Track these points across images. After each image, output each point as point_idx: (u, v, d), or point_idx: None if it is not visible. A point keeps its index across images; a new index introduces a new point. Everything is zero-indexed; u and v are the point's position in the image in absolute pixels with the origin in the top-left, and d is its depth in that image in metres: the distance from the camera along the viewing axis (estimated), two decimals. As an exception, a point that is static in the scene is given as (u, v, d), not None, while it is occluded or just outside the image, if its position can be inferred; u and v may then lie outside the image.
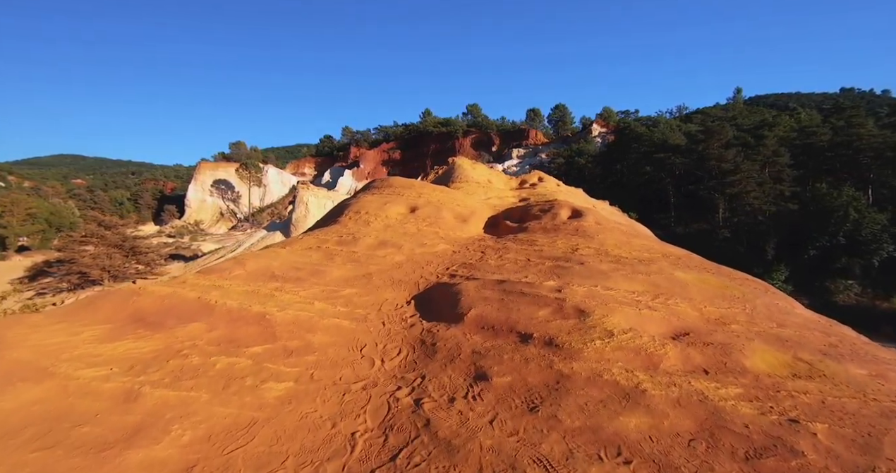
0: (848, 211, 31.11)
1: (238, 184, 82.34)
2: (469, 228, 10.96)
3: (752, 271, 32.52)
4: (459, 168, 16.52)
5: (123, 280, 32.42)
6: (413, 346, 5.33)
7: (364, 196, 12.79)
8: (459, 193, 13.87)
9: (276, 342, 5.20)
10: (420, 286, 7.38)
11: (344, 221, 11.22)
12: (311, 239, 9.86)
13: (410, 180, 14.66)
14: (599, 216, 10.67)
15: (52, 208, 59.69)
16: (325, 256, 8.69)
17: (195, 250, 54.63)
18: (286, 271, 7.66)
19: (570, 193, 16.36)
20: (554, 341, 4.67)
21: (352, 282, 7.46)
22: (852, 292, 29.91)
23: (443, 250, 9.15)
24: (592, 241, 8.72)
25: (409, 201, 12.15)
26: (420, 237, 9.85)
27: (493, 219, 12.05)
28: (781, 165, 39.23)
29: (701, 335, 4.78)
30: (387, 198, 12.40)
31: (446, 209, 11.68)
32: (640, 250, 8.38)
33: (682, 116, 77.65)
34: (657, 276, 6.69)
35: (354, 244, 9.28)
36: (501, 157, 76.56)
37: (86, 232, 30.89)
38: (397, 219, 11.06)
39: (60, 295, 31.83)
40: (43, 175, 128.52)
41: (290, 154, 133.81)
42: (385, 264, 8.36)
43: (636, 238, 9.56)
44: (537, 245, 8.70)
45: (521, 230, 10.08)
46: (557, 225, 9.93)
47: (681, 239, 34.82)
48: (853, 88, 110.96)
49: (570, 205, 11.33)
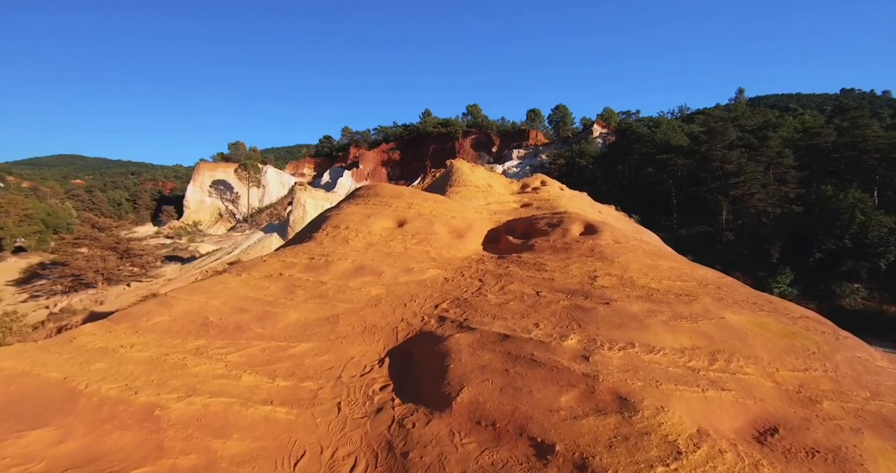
0: (854, 213, 30.65)
1: (237, 185, 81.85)
2: (466, 244, 9.66)
3: (757, 274, 32.22)
4: (458, 171, 15.66)
5: (118, 283, 31.98)
6: (376, 454, 3.69)
7: (346, 207, 11.40)
8: (455, 202, 12.55)
9: (160, 462, 3.44)
10: (399, 335, 5.86)
11: (319, 237, 9.77)
12: (275, 263, 8.37)
13: (400, 187, 13.28)
14: (617, 232, 9.11)
15: (49, 209, 59.24)
16: (285, 288, 7.21)
17: (193, 251, 54.14)
18: (226, 314, 6.16)
19: (575, 197, 15.62)
20: (588, 464, 3.09)
21: (310, 330, 5.98)
22: (859, 297, 29.38)
23: (433, 277, 7.74)
24: (613, 265, 7.31)
25: (398, 213, 10.80)
26: (407, 260, 8.48)
27: (494, 233, 10.83)
28: (786, 167, 38.69)
29: (794, 429, 3.56)
30: (372, 209, 11.01)
31: (440, 223, 10.35)
32: (672, 276, 6.99)
33: (683, 117, 77.08)
34: (706, 322, 5.29)
35: (326, 271, 7.84)
36: (502, 158, 76.07)
37: (79, 234, 30.42)
38: (382, 235, 9.71)
39: (54, 298, 31.41)
40: (42, 175, 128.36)
41: (289, 155, 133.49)
42: (359, 300, 6.85)
43: (662, 259, 8.05)
44: (547, 271, 7.31)
45: (527, 249, 8.82)
46: (569, 243, 8.51)
47: (684, 241, 34.31)
48: (853, 89, 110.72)
49: (583, 218, 9.90)
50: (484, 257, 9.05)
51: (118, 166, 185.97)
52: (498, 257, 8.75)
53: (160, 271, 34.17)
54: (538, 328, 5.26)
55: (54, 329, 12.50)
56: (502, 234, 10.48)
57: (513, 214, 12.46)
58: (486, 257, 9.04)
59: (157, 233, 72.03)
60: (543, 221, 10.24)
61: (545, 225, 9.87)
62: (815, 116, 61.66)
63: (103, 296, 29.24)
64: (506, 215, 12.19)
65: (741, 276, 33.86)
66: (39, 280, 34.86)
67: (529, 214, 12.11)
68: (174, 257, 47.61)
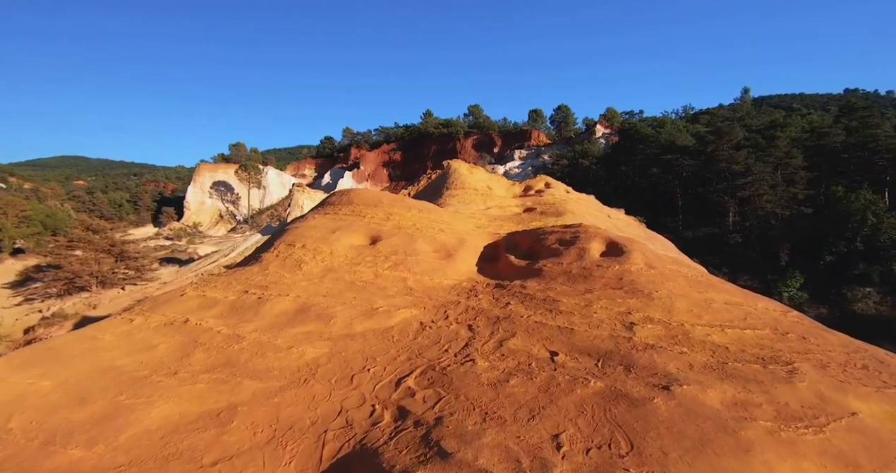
0: (866, 215, 29.89)
1: (237, 186, 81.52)
2: (455, 266, 7.80)
3: (766, 277, 31.39)
4: (455, 173, 14.42)
5: (112, 286, 31.48)
6: None
7: (311, 218, 9.61)
8: (445, 211, 10.69)
9: None
10: (326, 452, 3.54)
11: (267, 259, 7.83)
12: (189, 301, 6.39)
13: (379, 194, 11.09)
14: (648, 253, 7.22)
15: (48, 210, 59.02)
16: (179, 348, 5.14)
17: (191, 253, 53.70)
18: (43, 417, 3.90)
19: (582, 200, 14.53)
20: None
21: (175, 443, 3.68)
22: (871, 301, 28.53)
23: (404, 322, 5.73)
24: (653, 304, 5.43)
25: (372, 225, 8.95)
26: (374, 293, 6.48)
27: (492, 249, 9.09)
28: (794, 167, 37.84)
29: None
30: (340, 221, 9.15)
31: (424, 238, 8.56)
32: (735, 319, 5.11)
33: (688, 117, 76.19)
34: (836, 429, 3.29)
35: (254, 314, 5.82)
36: (503, 158, 75.42)
37: (73, 236, 29.93)
38: (347, 257, 7.78)
39: (49, 301, 30.95)
40: (44, 177, 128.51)
41: (291, 155, 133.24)
42: (281, 372, 4.73)
43: (711, 290, 6.15)
44: (562, 312, 5.46)
45: (533, 274, 7.00)
46: (588, 269, 6.61)
47: (689, 243, 33.55)
48: (857, 89, 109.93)
49: (603, 234, 7.99)
50: (478, 285, 7.15)
51: (121, 167, 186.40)
52: (496, 286, 6.99)
53: (156, 274, 33.65)
54: (559, 454, 3.04)
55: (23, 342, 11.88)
56: (502, 251, 8.85)
57: (514, 219, 11.38)
58: (480, 285, 7.15)
59: (157, 234, 71.76)
60: (553, 236, 8.36)
61: (555, 242, 8.04)
62: (822, 115, 60.73)
63: (97, 300, 28.74)
64: (507, 221, 11.06)
65: (749, 279, 33.13)
66: (35, 283, 34.46)
67: (532, 218, 11.04)
68: (172, 259, 47.14)
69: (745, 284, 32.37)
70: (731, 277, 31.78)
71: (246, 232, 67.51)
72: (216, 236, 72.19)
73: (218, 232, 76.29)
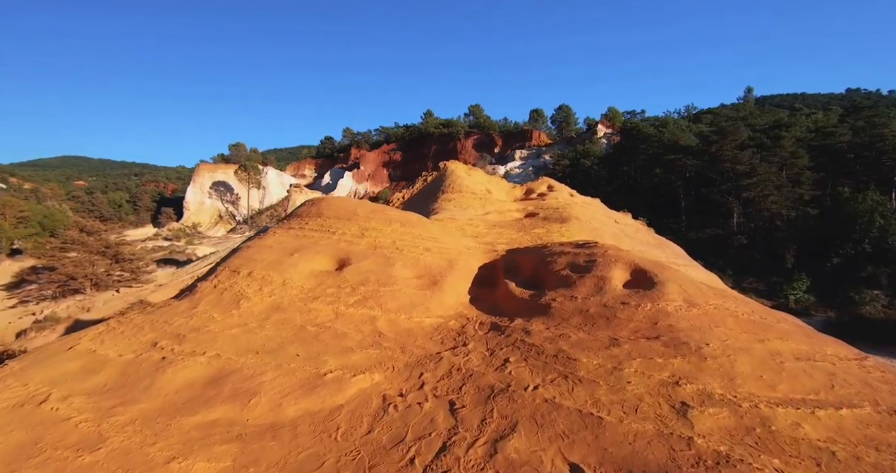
0: (873, 217, 29.36)
1: (237, 186, 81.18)
2: (441, 298, 6.35)
3: (772, 279, 30.77)
4: (452, 175, 13.57)
5: (107, 289, 31.06)
6: None
7: (270, 234, 8.08)
8: (434, 224, 9.16)
9: None
10: None
11: (201, 292, 6.25)
12: (72, 360, 4.72)
13: (355, 204, 9.32)
14: (686, 284, 5.62)
15: (46, 211, 58.72)
16: (10, 456, 3.34)
17: (190, 254, 53.33)
18: None
19: (587, 205, 13.74)
20: None
21: None
22: (879, 304, 27.93)
23: (359, 397, 4.08)
24: (706, 368, 3.85)
25: (342, 244, 7.38)
26: (325, 346, 4.97)
27: (489, 270, 7.60)
28: (800, 168, 37.25)
29: None
30: (304, 239, 7.58)
31: (403, 260, 7.05)
32: (826, 393, 3.57)
33: (690, 117, 75.52)
34: None
35: (146, 388, 4.15)
36: (504, 158, 74.88)
37: (66, 238, 29.50)
38: (304, 289, 6.21)
39: (43, 303, 30.55)
40: (45, 177, 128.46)
41: (291, 156, 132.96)
42: None
43: (772, 335, 4.57)
44: (582, 382, 3.88)
45: (539, 311, 5.61)
46: (611, 308, 5.12)
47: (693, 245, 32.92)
48: (859, 89, 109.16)
49: (625, 258, 6.36)
50: (469, 324, 5.71)
51: (122, 168, 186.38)
52: (491, 327, 5.54)
53: (151, 276, 33.22)
54: None
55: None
56: (500, 274, 7.33)
57: (515, 225, 10.61)
58: (471, 324, 5.71)
59: (156, 235, 71.46)
60: (562, 259, 6.79)
61: (566, 266, 6.50)
62: (827, 115, 60.05)
63: (91, 303, 28.33)
64: (507, 228, 10.25)
65: (754, 282, 32.54)
66: (30, 285, 34.08)
67: (534, 224, 10.20)
68: (170, 260, 46.76)
69: (751, 286, 31.81)
70: (736, 279, 31.21)
71: (245, 233, 67.12)
72: (215, 236, 71.85)
73: (217, 233, 75.94)
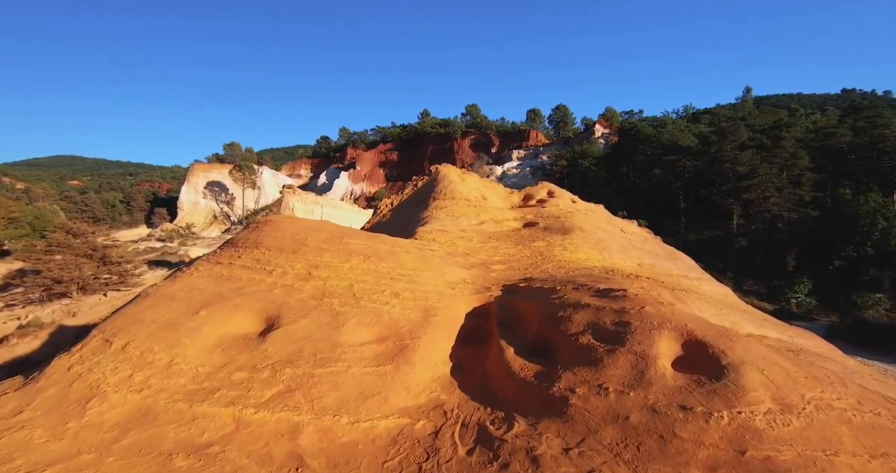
0: (876, 219, 28.91)
1: (232, 186, 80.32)
2: (408, 377, 4.47)
3: (773, 282, 30.24)
4: (444, 180, 12.32)
5: (94, 292, 30.27)
6: None
7: (185, 275, 6.06)
8: (411, 255, 6.81)
9: None
10: None
11: (46, 380, 4.26)
12: None
13: (310, 228, 7.05)
14: (770, 369, 3.53)
15: (37, 211, 57.75)
16: None
17: (182, 255, 52.48)
18: None
19: (590, 212, 12.77)
20: None
21: None
22: (882, 308, 27.49)
23: None
24: None
25: (275, 292, 5.35)
26: None
27: (479, 320, 5.73)
28: (801, 169, 36.76)
29: None
30: (226, 281, 5.60)
31: (358, 318, 5.07)
32: None
33: (689, 117, 75.11)
34: None
35: None
36: (501, 158, 74.33)
37: (51, 241, 28.70)
38: (198, 375, 4.24)
39: (29, 307, 29.77)
40: (39, 177, 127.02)
41: (287, 155, 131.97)
42: None
43: None
44: None
45: (549, 410, 3.77)
46: (662, 414, 3.26)
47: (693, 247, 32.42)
48: (854, 89, 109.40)
49: (673, 322, 4.21)
50: (443, 433, 3.81)
51: (116, 167, 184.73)
52: (476, 440, 3.69)
53: (141, 279, 32.45)
54: None
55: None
56: (494, 329, 5.38)
57: (513, 236, 9.64)
58: (447, 433, 3.80)
59: (149, 236, 70.52)
60: (581, 315, 4.79)
61: (586, 329, 4.52)
62: (826, 115, 59.74)
63: (77, 307, 27.57)
64: (503, 240, 9.27)
65: (755, 284, 32.06)
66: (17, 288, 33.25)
67: (534, 236, 9.22)
68: (162, 262, 45.96)
69: (752, 289, 31.32)
70: (737, 282, 30.71)
71: (240, 234, 66.26)
72: (210, 237, 70.94)
73: (212, 233, 75.04)
